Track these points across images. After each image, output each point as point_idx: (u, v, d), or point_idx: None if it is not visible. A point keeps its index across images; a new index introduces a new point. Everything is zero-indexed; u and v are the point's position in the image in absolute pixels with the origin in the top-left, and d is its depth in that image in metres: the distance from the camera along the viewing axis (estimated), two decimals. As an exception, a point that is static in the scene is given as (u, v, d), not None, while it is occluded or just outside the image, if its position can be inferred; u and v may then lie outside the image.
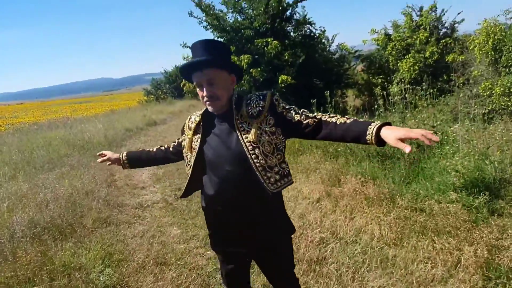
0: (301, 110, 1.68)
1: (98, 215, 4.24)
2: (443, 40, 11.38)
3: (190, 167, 1.84)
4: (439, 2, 11.79)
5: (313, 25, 11.58)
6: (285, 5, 10.33)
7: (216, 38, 10.66)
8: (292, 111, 1.66)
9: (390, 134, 1.35)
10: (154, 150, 2.14)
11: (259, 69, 9.62)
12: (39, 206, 4.10)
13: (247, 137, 1.63)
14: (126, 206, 4.83)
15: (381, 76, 11.93)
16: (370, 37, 12.73)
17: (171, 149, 2.08)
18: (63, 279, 2.74)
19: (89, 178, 5.68)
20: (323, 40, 11.97)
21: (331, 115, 1.62)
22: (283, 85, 9.71)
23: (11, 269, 2.86)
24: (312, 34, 11.79)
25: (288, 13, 10.82)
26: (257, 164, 1.62)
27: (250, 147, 1.62)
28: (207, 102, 1.65)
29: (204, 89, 1.62)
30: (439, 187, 3.94)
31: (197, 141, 1.77)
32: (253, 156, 1.62)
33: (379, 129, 1.41)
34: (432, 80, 10.53)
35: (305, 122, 1.61)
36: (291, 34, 11.32)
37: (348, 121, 1.53)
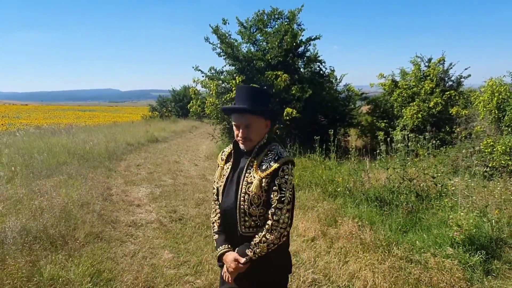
0: (281, 204, 1.74)
1: (91, 229, 4.20)
2: (448, 92, 11.61)
3: (219, 194, 1.94)
4: (447, 55, 12.15)
5: (323, 64, 11.89)
6: (298, 41, 10.64)
7: (228, 65, 10.93)
8: (279, 196, 1.74)
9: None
10: (218, 225, 2.01)
11: (266, 100, 9.76)
12: (33, 213, 4.07)
13: (246, 181, 1.81)
14: (120, 223, 4.78)
15: (385, 121, 12.09)
16: (377, 81, 13.05)
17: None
18: (49, 294, 2.68)
19: (86, 190, 5.66)
20: (331, 79, 12.23)
21: (262, 235, 1.76)
22: (287, 118, 9.83)
23: (-3, 276, 2.81)
24: (321, 72, 12.08)
25: (300, 49, 11.13)
26: (240, 207, 1.80)
27: (243, 190, 1.80)
28: (240, 141, 1.84)
29: (241, 130, 1.82)
30: (436, 240, 3.93)
31: (228, 168, 1.93)
32: (241, 199, 1.80)
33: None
34: (435, 130, 10.70)
35: (268, 212, 1.76)
36: (301, 70, 11.60)
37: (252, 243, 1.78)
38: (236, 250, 1.83)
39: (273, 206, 1.74)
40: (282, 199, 1.73)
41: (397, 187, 5.33)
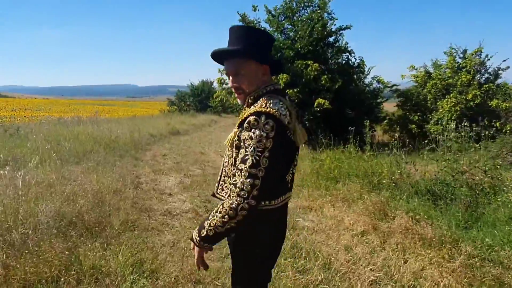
0: (242, 164, 1.37)
1: (126, 217, 3.93)
2: (486, 85, 11.00)
3: None
4: (484, 46, 11.51)
5: (352, 54, 11.42)
6: (329, 30, 10.21)
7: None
8: (243, 154, 1.37)
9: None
10: None
11: (295, 90, 9.38)
12: (67, 198, 3.82)
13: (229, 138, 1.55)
14: (154, 211, 4.50)
15: (418, 114, 11.54)
16: (408, 72, 12.49)
17: None
18: (91, 285, 2.40)
19: (116, 177, 5.41)
20: (361, 69, 11.74)
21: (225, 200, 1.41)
22: (318, 109, 9.43)
23: (33, 264, 2.55)
24: (350, 62, 11.61)
25: (331, 39, 10.70)
26: (223, 168, 1.60)
27: (227, 148, 1.57)
28: (236, 94, 1.59)
29: (231, 79, 1.56)
30: (508, 237, 3.50)
31: None
32: (225, 159, 1.60)
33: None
34: (482, 121, 10.11)
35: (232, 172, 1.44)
36: (330, 60, 11.16)
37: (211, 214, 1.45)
38: None
39: (236, 169, 1.39)
40: (245, 158, 1.35)
41: (450, 180, 4.89)
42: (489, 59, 11.65)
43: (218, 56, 1.58)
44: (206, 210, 4.75)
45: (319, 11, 10.17)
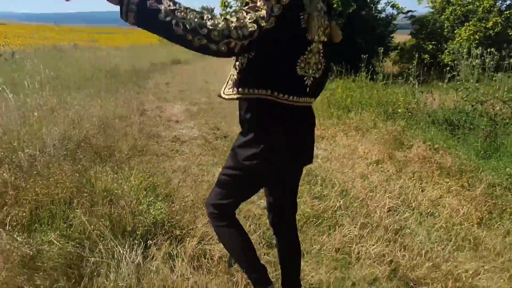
0: (256, 13, 1.15)
1: (134, 142, 3.80)
2: (507, 12, 10.28)
3: None
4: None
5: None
6: None
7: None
8: (252, 4, 1.17)
9: None
10: None
11: (305, 14, 8.75)
12: (72, 122, 3.66)
13: None
14: (162, 138, 4.37)
15: (433, 42, 10.95)
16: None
17: None
18: (105, 207, 2.32)
19: (120, 104, 5.21)
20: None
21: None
22: (329, 36, 8.88)
23: (43, 186, 2.45)
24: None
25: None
26: (232, 65, 1.44)
27: None
28: None
29: None
30: (531, 167, 3.40)
31: None
32: None
33: None
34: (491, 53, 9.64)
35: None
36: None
37: None
38: None
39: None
40: (257, 8, 1.15)
41: (469, 110, 4.68)
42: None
43: None
44: (216, 137, 4.62)
45: None
